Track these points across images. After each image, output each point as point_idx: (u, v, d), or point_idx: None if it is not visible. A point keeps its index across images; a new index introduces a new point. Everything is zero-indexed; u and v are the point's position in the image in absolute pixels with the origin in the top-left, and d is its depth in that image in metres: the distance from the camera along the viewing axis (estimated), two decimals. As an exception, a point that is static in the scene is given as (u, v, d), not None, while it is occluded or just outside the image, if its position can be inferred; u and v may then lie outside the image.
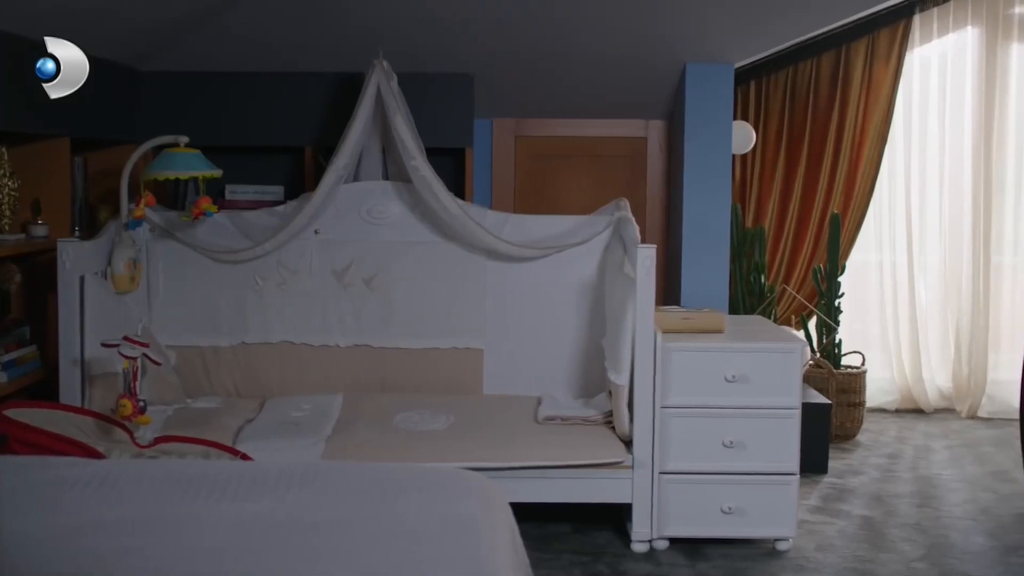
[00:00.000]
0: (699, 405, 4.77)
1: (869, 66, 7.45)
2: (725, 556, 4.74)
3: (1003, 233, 7.67)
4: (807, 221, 7.51)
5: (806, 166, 7.50)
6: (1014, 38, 7.56)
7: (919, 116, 7.67)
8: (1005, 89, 7.59)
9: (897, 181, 7.67)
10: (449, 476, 3.40)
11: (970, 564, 4.70)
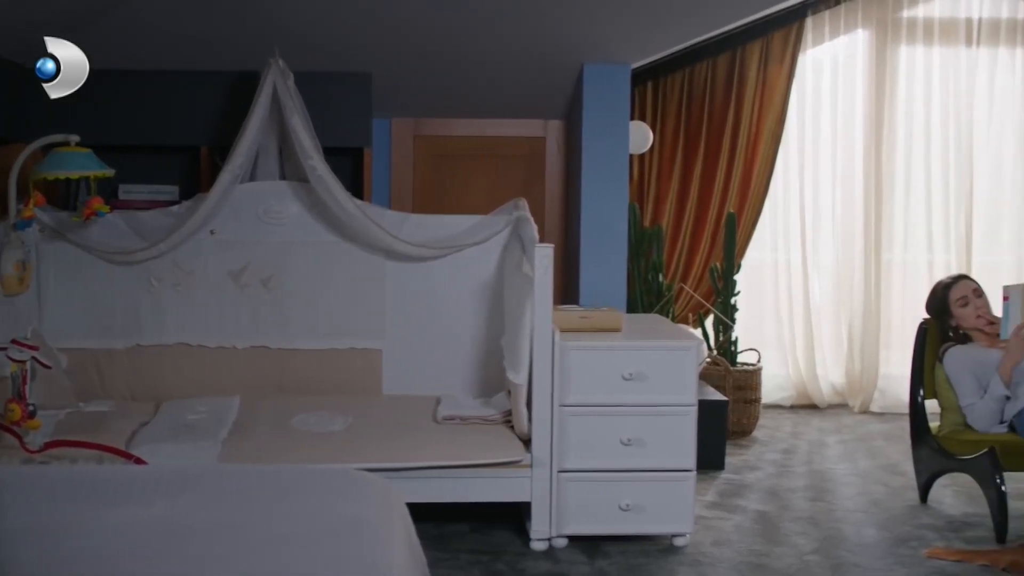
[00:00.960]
0: (597, 403, 4.80)
1: (763, 68, 7.57)
2: (623, 553, 4.78)
3: (893, 232, 7.84)
4: (704, 220, 7.60)
5: (702, 166, 7.59)
6: (903, 40, 7.74)
7: (812, 117, 7.81)
8: (894, 90, 7.76)
9: (791, 181, 7.81)
10: (344, 477, 3.38)
11: (861, 556, 4.79)
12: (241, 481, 3.31)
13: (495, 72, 6.34)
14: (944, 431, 5.42)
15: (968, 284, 5.55)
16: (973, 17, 7.74)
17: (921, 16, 7.75)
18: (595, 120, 6.27)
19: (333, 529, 2.90)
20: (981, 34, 7.75)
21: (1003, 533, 4.97)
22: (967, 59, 7.77)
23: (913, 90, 7.80)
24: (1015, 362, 5.19)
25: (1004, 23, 7.75)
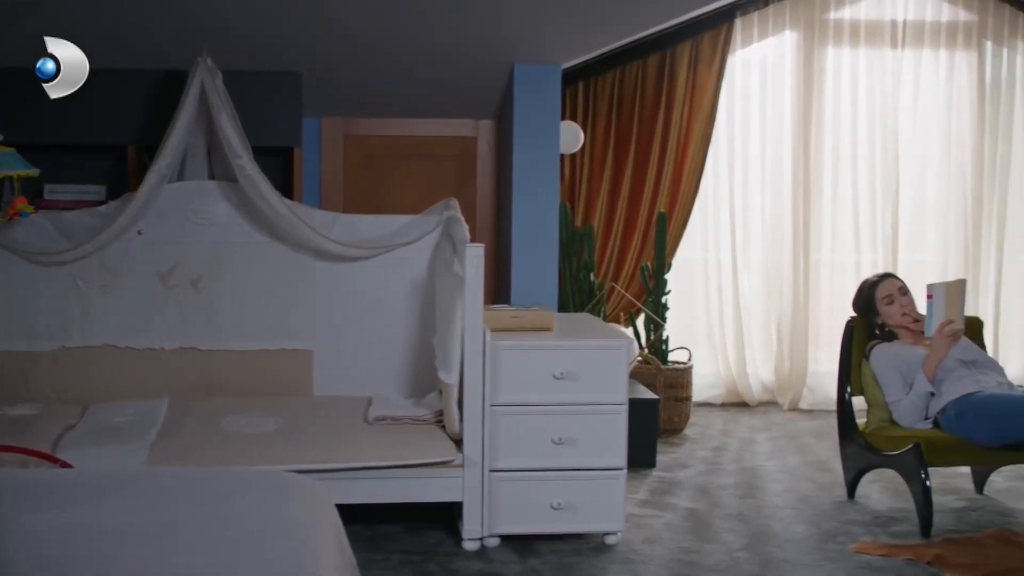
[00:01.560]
0: (528, 403, 4.80)
1: (693, 68, 7.62)
2: (555, 552, 4.79)
3: (821, 231, 7.93)
4: (635, 220, 7.65)
5: (633, 166, 7.64)
6: (830, 42, 7.84)
7: (741, 117, 7.88)
8: (822, 91, 7.86)
9: (721, 181, 7.87)
10: (273, 479, 3.36)
11: (790, 552, 4.85)
12: (169, 484, 3.28)
13: (426, 72, 6.33)
14: (871, 428, 5.49)
15: (894, 282, 5.63)
16: (898, 19, 7.86)
17: (848, 18, 7.86)
18: (526, 120, 6.29)
19: (261, 532, 2.87)
20: (906, 36, 7.87)
21: (928, 527, 5.05)
22: (892, 61, 7.89)
23: (840, 91, 7.90)
24: (939, 359, 5.28)
25: (928, 25, 7.88)
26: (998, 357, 7.56)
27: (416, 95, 6.58)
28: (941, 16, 7.90)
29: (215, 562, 2.70)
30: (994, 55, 7.97)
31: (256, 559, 2.73)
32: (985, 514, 5.44)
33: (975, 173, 7.94)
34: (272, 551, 2.78)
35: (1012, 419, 5.00)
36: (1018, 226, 8.03)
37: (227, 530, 2.91)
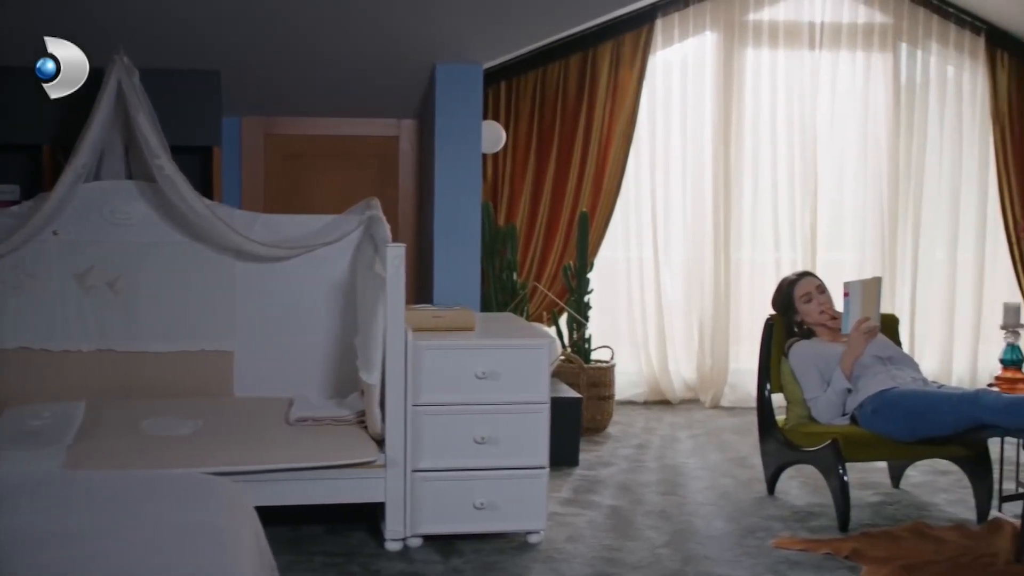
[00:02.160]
0: (450, 402, 4.79)
1: (615, 69, 7.67)
2: (478, 551, 4.79)
3: (742, 230, 8.02)
4: (557, 219, 7.67)
5: (556, 165, 7.67)
6: (749, 43, 7.93)
7: (663, 117, 7.95)
8: (742, 92, 7.95)
9: (643, 180, 7.93)
10: (191, 482, 3.33)
11: (711, 548, 4.89)
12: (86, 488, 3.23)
13: (347, 71, 6.30)
14: (790, 424, 5.56)
15: (812, 281, 5.70)
16: (816, 21, 7.97)
17: (767, 19, 7.95)
18: (448, 120, 6.28)
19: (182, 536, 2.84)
20: (823, 37, 7.98)
21: (845, 522, 5.12)
22: (810, 62, 8.00)
23: (759, 92, 7.99)
24: (856, 356, 5.35)
25: (845, 27, 8.00)
26: (914, 353, 7.70)
27: (338, 94, 6.55)
28: (857, 18, 8.02)
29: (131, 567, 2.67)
30: (909, 56, 8.12)
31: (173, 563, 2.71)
32: (901, 508, 5.54)
33: (891, 173, 8.08)
34: (189, 555, 2.75)
35: (927, 414, 5.08)
36: (933, 225, 8.18)
37: (144, 534, 2.87)
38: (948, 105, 8.15)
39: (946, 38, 8.06)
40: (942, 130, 8.15)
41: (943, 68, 8.15)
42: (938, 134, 8.15)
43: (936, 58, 8.12)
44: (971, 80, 8.13)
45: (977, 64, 8.09)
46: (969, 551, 4.77)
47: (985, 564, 4.63)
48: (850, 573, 4.57)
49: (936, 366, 8.06)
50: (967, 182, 8.18)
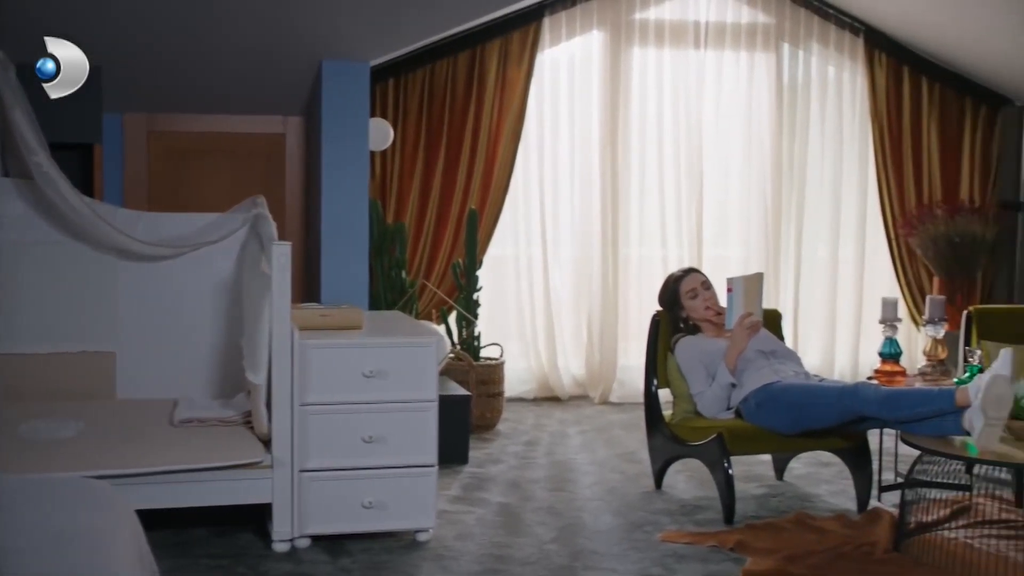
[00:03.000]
0: (338, 402, 4.76)
1: (503, 66, 7.69)
2: (366, 550, 4.77)
3: (629, 227, 8.10)
4: (446, 217, 7.67)
5: (445, 163, 7.66)
6: (636, 42, 8.00)
7: (551, 115, 7.99)
8: (628, 90, 8.02)
9: (531, 178, 7.96)
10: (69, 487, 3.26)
11: (599, 542, 4.93)
12: (-41, 494, 3.15)
13: (232, 67, 6.23)
14: (676, 419, 5.63)
15: (697, 277, 5.77)
16: (700, 20, 8.08)
17: (652, 19, 8.04)
18: (335, 117, 6.25)
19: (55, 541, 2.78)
20: (708, 37, 8.09)
21: (731, 514, 5.20)
22: (696, 61, 8.10)
23: (646, 90, 8.08)
24: (739, 351, 5.44)
25: (729, 27, 8.12)
26: (797, 348, 7.84)
27: (223, 91, 6.48)
28: (741, 18, 8.15)
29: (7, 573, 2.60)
30: (791, 57, 8.27)
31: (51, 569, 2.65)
32: (785, 499, 5.64)
33: (774, 171, 8.22)
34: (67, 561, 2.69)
35: (809, 407, 5.18)
36: (815, 222, 8.35)
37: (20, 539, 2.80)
38: (829, 104, 8.32)
39: (826, 39, 8.23)
40: (823, 129, 8.32)
41: (824, 68, 8.33)
42: (819, 133, 8.32)
43: (817, 58, 8.29)
44: (851, 80, 8.32)
45: (856, 64, 8.27)
46: (850, 540, 4.88)
47: (865, 553, 4.74)
48: (735, 565, 4.64)
49: (818, 360, 8.23)
50: (848, 180, 8.37)
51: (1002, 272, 8.37)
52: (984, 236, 8.04)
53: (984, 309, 6.24)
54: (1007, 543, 4.83)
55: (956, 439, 4.79)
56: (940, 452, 4.70)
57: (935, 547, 4.75)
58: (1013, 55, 7.86)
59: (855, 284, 8.39)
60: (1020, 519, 5.18)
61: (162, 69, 6.19)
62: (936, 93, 8.34)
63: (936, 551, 4.71)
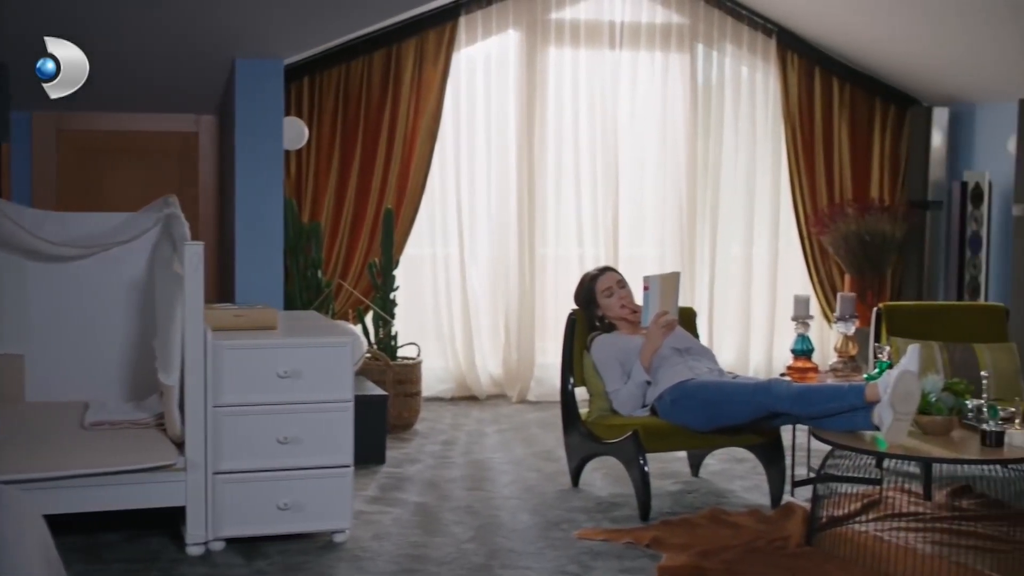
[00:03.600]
0: (252, 403, 4.72)
1: (419, 66, 7.68)
2: (282, 552, 4.73)
3: (546, 226, 8.13)
4: (363, 216, 7.64)
5: (360, 162, 7.63)
6: (551, 42, 8.03)
7: (467, 115, 7.98)
8: (545, 90, 8.05)
9: (448, 177, 7.95)
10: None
11: (516, 541, 4.94)
12: None
13: (143, 65, 6.14)
14: (592, 417, 5.65)
15: (612, 276, 5.81)
16: (615, 20, 8.12)
17: (568, 19, 8.07)
18: (248, 115, 6.19)
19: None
20: (623, 37, 8.14)
21: (646, 511, 5.24)
22: (611, 61, 8.15)
23: (562, 90, 8.11)
24: (654, 349, 5.48)
25: (644, 27, 8.18)
26: (712, 345, 7.93)
27: (134, 89, 6.38)
28: (656, 18, 8.22)
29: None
30: (705, 57, 8.36)
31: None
32: (700, 496, 5.69)
33: (689, 170, 8.29)
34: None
35: (723, 404, 5.24)
36: (729, 220, 8.44)
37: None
38: (742, 104, 8.42)
39: (740, 39, 8.33)
40: (737, 129, 8.41)
41: (738, 69, 8.42)
42: (733, 133, 8.41)
43: (731, 59, 8.38)
44: (764, 80, 8.42)
45: (769, 65, 8.37)
46: (763, 535, 4.94)
47: (777, 547, 4.80)
48: (650, 561, 4.67)
49: (733, 357, 8.32)
50: (761, 179, 8.47)
51: (911, 269, 8.52)
52: (894, 234, 8.19)
53: (893, 306, 6.34)
54: (915, 535, 4.92)
55: (866, 434, 4.87)
56: (850, 447, 4.78)
57: (846, 540, 4.83)
58: (922, 57, 8.02)
59: (769, 282, 8.50)
60: (928, 511, 5.29)
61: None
62: (847, 93, 8.48)
63: (847, 544, 4.79)
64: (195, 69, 6.21)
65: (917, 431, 4.83)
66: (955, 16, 7.21)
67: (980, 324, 6.22)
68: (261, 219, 6.27)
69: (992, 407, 4.77)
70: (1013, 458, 4.65)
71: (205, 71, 6.25)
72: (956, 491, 5.58)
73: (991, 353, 5.95)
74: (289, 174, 7.29)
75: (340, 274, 7.58)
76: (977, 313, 6.47)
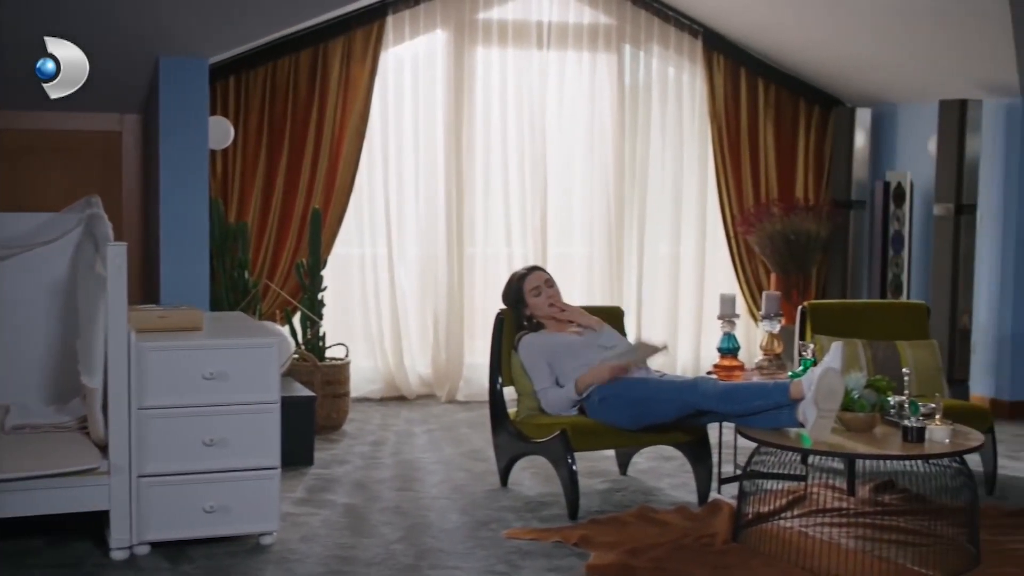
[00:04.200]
0: (177, 404, 4.67)
1: (346, 65, 7.64)
2: (209, 556, 4.69)
3: (475, 225, 8.13)
4: (290, 216, 7.59)
5: (288, 162, 7.58)
6: (479, 42, 8.03)
7: (395, 114, 7.96)
8: (473, 90, 8.04)
9: (376, 177, 7.92)
10: None
11: (444, 541, 4.94)
12: None
13: (65, 63, 6.05)
14: (521, 416, 5.66)
15: (540, 275, 5.82)
16: (543, 20, 8.15)
17: (495, 18, 8.08)
18: (172, 115, 6.13)
19: None
20: (551, 37, 8.16)
21: (575, 510, 5.26)
22: (539, 61, 8.17)
23: (490, 89, 8.11)
24: (595, 383, 5.42)
25: (571, 27, 8.20)
26: (640, 344, 7.98)
27: (55, 87, 6.28)
28: (583, 19, 8.24)
29: None
30: (632, 58, 8.41)
31: None
32: (628, 494, 5.73)
33: (617, 170, 8.34)
34: None
35: (650, 403, 5.27)
36: (657, 220, 8.49)
37: None
38: (669, 105, 8.47)
39: (666, 40, 8.38)
40: (664, 129, 8.47)
41: (664, 69, 8.47)
42: (660, 133, 8.47)
43: (658, 60, 8.43)
44: (690, 81, 8.48)
45: (696, 66, 8.44)
46: (690, 532, 4.98)
47: (704, 544, 4.84)
48: (579, 560, 4.69)
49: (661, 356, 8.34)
50: (688, 179, 8.54)
51: (835, 268, 8.63)
52: (818, 233, 8.29)
53: (817, 304, 6.42)
54: (839, 530, 4.99)
55: (791, 431, 4.93)
56: (776, 444, 4.83)
57: (772, 536, 4.89)
58: (845, 58, 8.13)
59: (696, 281, 8.57)
60: (852, 507, 5.36)
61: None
62: (772, 94, 8.57)
63: (772, 540, 4.84)
64: (119, 68, 6.12)
65: (841, 428, 4.88)
66: (875, 19, 7.33)
67: (902, 322, 6.31)
68: (186, 219, 6.20)
69: (913, 403, 4.85)
70: (934, 453, 4.73)
71: (129, 69, 6.17)
72: (879, 486, 5.66)
73: (913, 350, 6.04)
74: (215, 174, 7.22)
75: (267, 274, 7.52)
76: (899, 311, 6.56)
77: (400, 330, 7.99)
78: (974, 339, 7.69)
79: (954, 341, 7.56)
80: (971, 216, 7.56)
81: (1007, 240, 7.60)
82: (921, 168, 8.04)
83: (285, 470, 4.91)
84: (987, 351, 7.73)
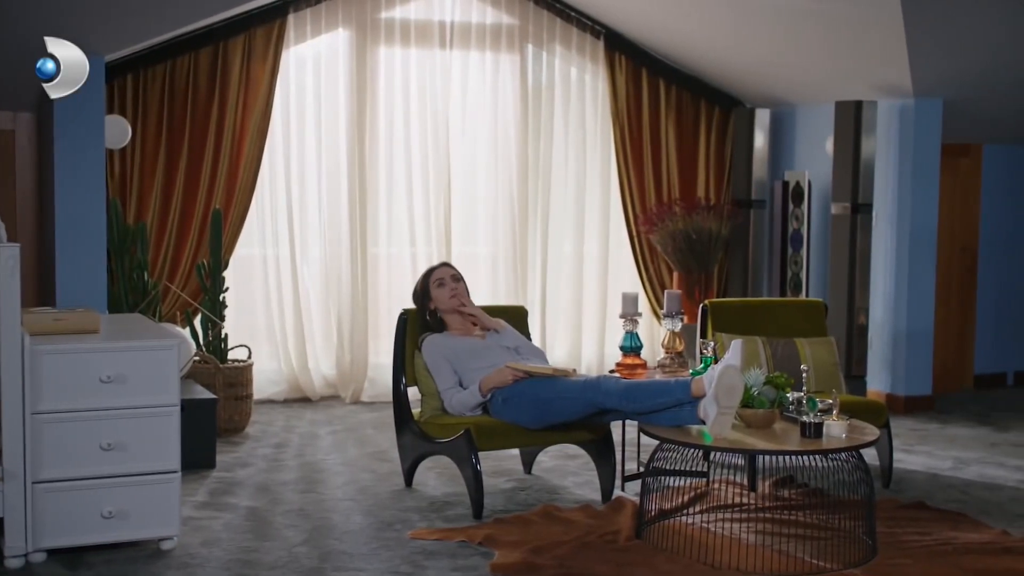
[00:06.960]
0: (74, 409, 4.58)
1: (247, 63, 7.57)
2: (108, 562, 4.61)
3: (378, 226, 8.10)
4: (190, 217, 7.50)
5: (187, 161, 7.49)
6: (381, 41, 8.00)
7: (297, 114, 7.90)
8: (375, 89, 8.01)
9: (278, 177, 7.86)
10: None
11: (348, 543, 4.91)
12: None
13: (-45, 60, 5.92)
14: (425, 416, 5.65)
15: (447, 270, 5.82)
16: (446, 20, 8.14)
17: (398, 18, 8.05)
18: (67, 113, 6.01)
19: None
20: (454, 37, 8.16)
21: (480, 509, 5.26)
22: (442, 61, 8.16)
23: (393, 89, 8.09)
24: (499, 385, 5.42)
25: (474, 27, 8.21)
26: (544, 343, 8.03)
27: (-54, 85, 6.15)
28: (486, 19, 8.26)
29: None
30: (535, 58, 8.44)
31: None
32: (533, 493, 5.74)
33: (521, 169, 8.36)
34: None
35: (554, 402, 5.29)
36: (561, 219, 8.54)
37: None
38: (572, 105, 8.52)
39: (569, 41, 8.43)
40: (567, 129, 8.52)
41: (567, 70, 8.52)
42: (564, 133, 8.51)
43: (560, 60, 8.48)
44: (593, 81, 8.54)
45: (598, 66, 8.50)
46: (594, 530, 5.01)
47: (608, 541, 4.87)
48: (483, 559, 4.69)
49: (565, 354, 8.41)
50: (591, 178, 8.59)
51: (736, 267, 8.75)
52: (719, 232, 8.40)
53: (718, 302, 6.49)
54: (741, 525, 5.06)
55: (693, 428, 4.97)
56: (677, 441, 4.87)
57: (674, 532, 4.93)
58: (743, 60, 8.24)
59: (600, 280, 8.62)
60: (753, 502, 5.43)
61: None
62: (673, 95, 8.66)
63: (675, 536, 4.88)
64: (10, 64, 5.99)
65: (741, 424, 4.95)
66: (774, 22, 7.44)
67: (801, 319, 6.41)
68: (83, 220, 6.09)
69: (811, 400, 4.93)
70: (831, 448, 4.81)
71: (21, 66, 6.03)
72: (779, 482, 5.75)
73: (811, 347, 6.14)
74: (113, 173, 7.11)
75: (167, 276, 7.42)
76: (798, 309, 6.66)
77: (304, 331, 7.93)
78: (870, 336, 7.84)
79: (851, 338, 7.70)
80: (867, 215, 7.71)
81: (901, 238, 7.77)
82: (819, 168, 8.19)
83: (186, 474, 4.85)
84: (883, 347, 7.89)
